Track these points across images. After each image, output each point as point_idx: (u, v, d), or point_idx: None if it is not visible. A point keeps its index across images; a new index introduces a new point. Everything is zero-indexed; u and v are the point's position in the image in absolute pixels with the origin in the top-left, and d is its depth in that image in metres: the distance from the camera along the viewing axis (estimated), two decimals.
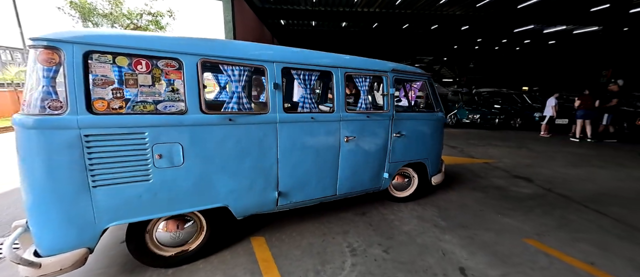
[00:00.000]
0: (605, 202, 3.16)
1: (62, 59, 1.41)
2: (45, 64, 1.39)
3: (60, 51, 1.41)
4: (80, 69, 1.44)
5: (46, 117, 1.38)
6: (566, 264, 2.01)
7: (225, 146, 1.83)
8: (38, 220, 1.47)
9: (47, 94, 1.41)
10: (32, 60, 1.42)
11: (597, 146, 6.34)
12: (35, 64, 1.40)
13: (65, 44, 1.42)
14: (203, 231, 1.99)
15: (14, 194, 3.23)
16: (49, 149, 1.40)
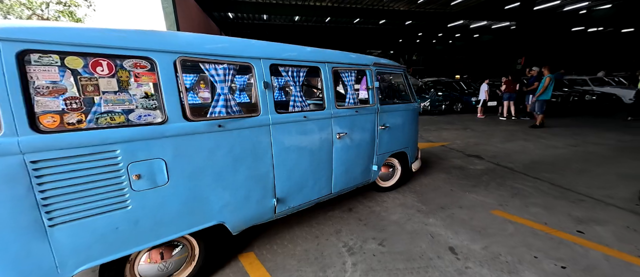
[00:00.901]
0: (538, 169, 3.84)
1: None
2: None
3: None
4: (15, 74, 1.08)
5: None
6: (527, 227, 2.38)
7: (216, 155, 1.62)
8: None
9: None
10: None
11: (520, 122, 7.66)
12: None
13: None
14: (194, 257, 1.74)
15: None
16: None
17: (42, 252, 1.18)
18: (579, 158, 4.31)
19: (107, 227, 1.31)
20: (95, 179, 1.25)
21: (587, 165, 3.97)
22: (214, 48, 1.62)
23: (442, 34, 18.79)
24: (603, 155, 4.45)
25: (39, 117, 1.14)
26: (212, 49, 1.61)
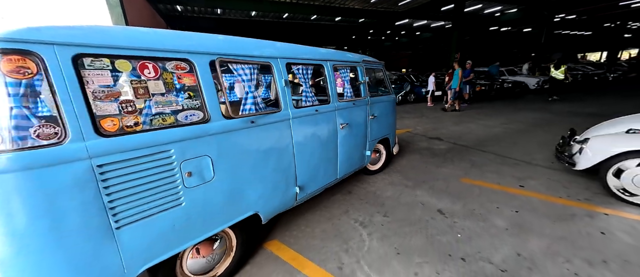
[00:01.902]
0: (484, 144, 4.74)
1: (41, 67, 1.01)
2: (12, 75, 0.96)
3: (38, 56, 1.00)
4: (74, 79, 1.07)
5: (37, 150, 0.98)
6: (488, 188, 3.04)
7: (250, 149, 1.74)
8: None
9: (24, 118, 0.98)
10: None
11: (462, 109, 9.03)
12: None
13: (43, 46, 1.01)
14: (232, 249, 1.83)
15: None
16: (50, 195, 1.01)
17: (110, 254, 1.18)
18: (510, 134, 5.42)
19: (165, 225, 1.35)
20: (153, 179, 1.28)
21: (516, 138, 5.05)
22: (242, 48, 1.72)
23: (390, 31, 20.47)
24: (525, 130, 5.67)
25: (100, 121, 1.13)
26: (241, 49, 1.71)
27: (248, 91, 1.79)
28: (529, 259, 1.89)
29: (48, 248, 1.03)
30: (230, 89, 2.96)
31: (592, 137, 2.84)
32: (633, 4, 15.63)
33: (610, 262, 1.83)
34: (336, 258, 2.01)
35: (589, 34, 27.38)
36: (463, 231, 2.25)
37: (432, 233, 2.25)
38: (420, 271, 1.84)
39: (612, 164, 2.58)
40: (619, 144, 2.54)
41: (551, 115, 7.03)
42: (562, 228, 2.23)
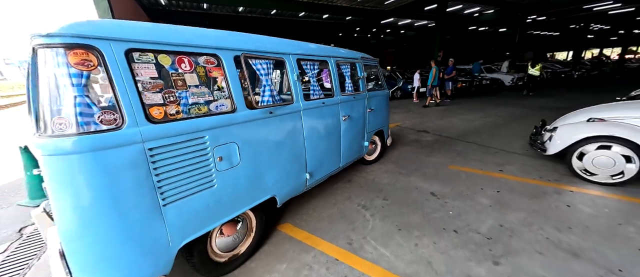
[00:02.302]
0: (467, 136, 5.15)
1: (101, 61, 1.13)
2: (78, 67, 1.08)
3: (98, 50, 1.12)
4: (128, 71, 1.19)
5: (100, 134, 1.10)
6: (472, 173, 3.38)
7: (268, 138, 1.90)
8: (102, 264, 1.18)
9: (86, 106, 1.10)
10: (51, 63, 1.05)
11: (445, 104, 9.54)
12: (56, 68, 1.06)
13: (103, 42, 1.13)
14: (252, 229, 2.00)
15: None
16: (113, 173, 1.14)
17: (159, 228, 1.32)
18: (489, 126, 5.89)
19: (201, 205, 1.50)
20: (191, 162, 1.43)
21: (495, 130, 5.50)
22: (261, 45, 1.88)
23: (376, 29, 20.89)
24: (503, 123, 6.16)
25: (149, 110, 1.26)
26: (259, 46, 1.87)
27: (265, 84, 1.95)
28: (509, 229, 2.21)
29: (110, 221, 1.16)
30: (250, 82, 3.07)
31: (559, 126, 3.24)
32: (595, 7, 17.03)
33: (574, 228, 2.18)
34: (345, 236, 2.23)
35: (557, 34, 29.39)
36: (453, 209, 2.55)
37: (427, 212, 2.52)
38: (419, 242, 2.10)
39: (576, 148, 2.98)
40: (581, 131, 2.94)
41: (525, 109, 7.65)
42: (536, 203, 2.58)
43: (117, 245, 1.20)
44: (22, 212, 2.85)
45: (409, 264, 1.88)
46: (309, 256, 2.00)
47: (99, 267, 1.19)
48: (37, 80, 1.10)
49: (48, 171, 1.09)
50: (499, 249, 1.97)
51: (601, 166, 2.85)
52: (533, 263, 1.82)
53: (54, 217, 1.22)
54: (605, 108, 3.22)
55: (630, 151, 2.68)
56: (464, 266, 1.83)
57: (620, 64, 22.08)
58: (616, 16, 20.30)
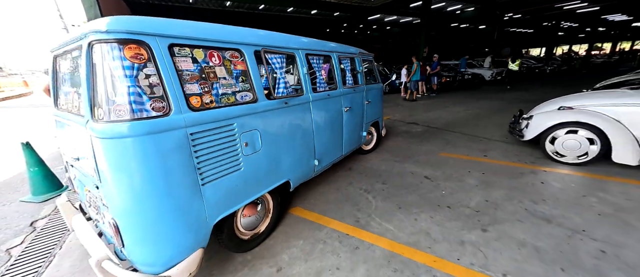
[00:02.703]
0: (453, 126, 5.53)
1: (150, 55, 1.27)
2: (132, 60, 1.21)
3: (147, 45, 1.26)
4: (172, 64, 1.34)
5: (152, 120, 1.25)
6: (460, 159, 3.72)
7: (284, 126, 2.08)
8: (154, 234, 1.33)
9: (138, 95, 1.24)
10: (108, 57, 1.18)
11: (430, 98, 10.01)
12: (113, 62, 1.19)
13: (152, 37, 1.27)
14: (270, 211, 2.18)
15: None
16: (163, 155, 1.29)
17: (199, 205, 1.48)
18: (472, 118, 6.32)
19: (231, 185, 1.66)
20: (223, 146, 1.58)
21: (478, 121, 5.94)
22: (276, 41, 2.04)
23: (363, 25, 21.21)
24: (484, 115, 6.63)
25: (189, 99, 1.41)
26: (275, 41, 2.03)
27: (280, 77, 2.12)
28: (493, 203, 2.53)
29: (161, 198, 1.31)
30: (267, 75, 3.19)
31: (534, 115, 3.63)
32: (565, 6, 18.23)
33: (546, 200, 2.54)
34: (352, 215, 2.46)
35: (531, 31, 31.08)
36: (446, 189, 2.84)
37: (423, 192, 2.81)
38: (418, 217, 2.37)
39: (549, 133, 3.38)
40: (553, 118, 3.33)
41: (504, 102, 8.21)
42: (515, 182, 2.93)
43: (166, 219, 1.35)
44: (28, 208, 2.85)
45: (411, 234, 2.14)
46: (322, 233, 2.22)
47: (150, 240, 1.34)
48: (93, 73, 1.22)
49: (105, 153, 1.22)
50: (486, 220, 2.28)
51: (569, 148, 3.25)
52: (514, 229, 2.13)
53: (106, 196, 1.35)
54: (573, 98, 3.64)
55: (593, 135, 3.09)
56: (457, 234, 2.11)
57: (587, 60, 23.76)
58: (583, 15, 21.80)
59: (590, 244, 1.94)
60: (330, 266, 1.84)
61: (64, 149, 1.84)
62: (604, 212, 2.31)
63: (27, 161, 3.01)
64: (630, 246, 1.89)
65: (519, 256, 1.85)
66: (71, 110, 1.55)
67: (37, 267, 1.96)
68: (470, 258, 1.85)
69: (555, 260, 1.79)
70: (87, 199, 1.77)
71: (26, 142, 3.00)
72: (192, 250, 1.48)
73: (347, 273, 1.77)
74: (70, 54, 1.52)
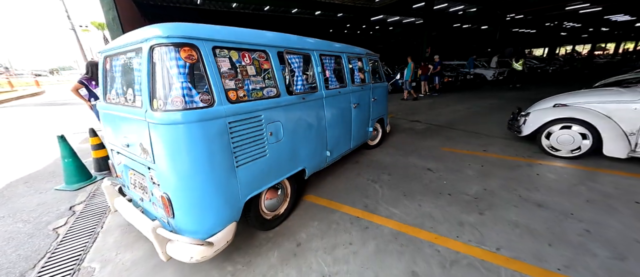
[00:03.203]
0: (454, 124, 5.75)
1: (199, 55, 1.52)
2: (186, 60, 1.46)
3: (197, 48, 1.51)
4: (214, 63, 1.59)
5: (200, 110, 1.50)
6: (461, 153, 3.94)
7: (302, 119, 2.32)
8: (199, 206, 1.58)
9: (186, 89, 1.49)
10: (167, 57, 1.43)
11: (432, 97, 10.22)
12: (170, 62, 1.44)
13: (200, 41, 1.52)
14: (288, 196, 2.42)
15: None
16: (209, 139, 1.54)
17: (234, 184, 1.72)
18: (473, 116, 6.53)
19: (258, 169, 1.91)
20: (252, 135, 1.83)
21: (478, 119, 6.15)
22: (294, 43, 2.29)
23: (365, 26, 21.42)
24: (484, 113, 6.83)
25: (228, 93, 1.66)
26: (294, 43, 2.28)
27: (298, 75, 2.36)
28: (490, 191, 2.75)
29: (207, 176, 1.56)
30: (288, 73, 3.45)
31: (531, 112, 3.85)
32: (567, 7, 18.34)
33: (540, 189, 2.76)
34: (361, 201, 2.70)
35: (534, 31, 31.12)
36: (447, 180, 3.07)
37: (426, 182, 3.04)
38: (422, 203, 2.60)
39: (544, 129, 3.59)
40: (548, 115, 3.55)
41: (504, 101, 8.41)
42: (512, 173, 3.16)
43: (210, 194, 1.60)
44: (62, 195, 3.12)
45: (416, 217, 2.37)
46: (335, 215, 2.46)
47: (196, 212, 1.58)
48: (153, 70, 1.47)
49: (161, 137, 1.47)
50: (484, 205, 2.51)
51: (563, 143, 3.47)
52: (509, 212, 2.36)
53: (158, 175, 1.60)
54: (567, 96, 3.85)
55: (585, 130, 3.30)
56: (457, 216, 2.35)
57: (589, 60, 23.79)
58: (586, 15, 21.86)
59: (577, 224, 2.16)
60: (343, 241, 2.08)
61: (110, 138, 2.09)
62: (592, 199, 2.53)
63: (61, 152, 3.28)
64: (613, 226, 2.12)
65: (512, 234, 2.08)
66: (124, 103, 1.81)
67: (84, 243, 2.22)
68: (468, 236, 2.08)
69: (544, 237, 2.02)
70: (131, 181, 2.02)
71: (61, 135, 3.28)
72: (229, 222, 1.73)
73: (359, 247, 2.01)
74: (125, 55, 1.77)
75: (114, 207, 2.23)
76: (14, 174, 3.80)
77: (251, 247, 2.06)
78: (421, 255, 1.90)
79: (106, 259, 2.00)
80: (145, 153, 1.63)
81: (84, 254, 2.08)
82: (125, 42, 1.69)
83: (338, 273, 1.77)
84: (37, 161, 4.33)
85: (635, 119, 3.04)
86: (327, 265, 1.84)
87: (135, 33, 1.61)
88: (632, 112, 3.06)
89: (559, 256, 1.83)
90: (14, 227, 2.49)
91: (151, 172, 1.67)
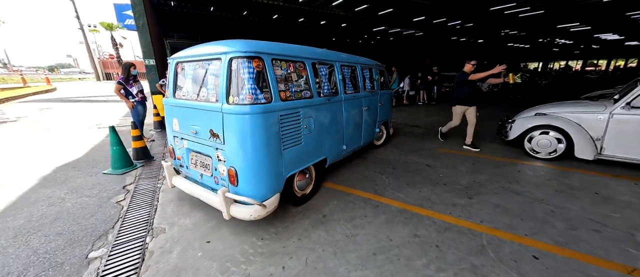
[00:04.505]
0: (450, 129, 6.33)
1: (263, 65, 2.07)
2: (255, 68, 2.01)
3: (262, 59, 2.06)
4: (272, 70, 2.14)
5: (265, 104, 2.04)
6: (456, 154, 4.51)
7: (326, 117, 2.87)
8: (259, 176, 2.10)
9: (254, 89, 2.03)
10: (242, 66, 1.97)
11: (430, 105, 10.85)
12: (244, 69, 1.98)
13: (264, 55, 2.08)
14: (312, 180, 2.95)
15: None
16: (267, 126, 2.08)
17: (281, 162, 2.25)
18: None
19: (295, 154, 2.44)
20: (294, 126, 2.37)
21: None
22: (323, 55, 2.86)
23: (367, 36, 22.29)
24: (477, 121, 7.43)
25: (280, 93, 2.20)
26: (323, 56, 2.85)
27: (324, 81, 2.92)
28: (479, 183, 3.31)
29: (265, 154, 2.08)
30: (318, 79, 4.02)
31: (516, 119, 4.44)
32: (558, 25, 19.35)
33: (520, 182, 3.32)
34: (371, 187, 3.23)
35: (528, 47, 32.37)
36: (443, 173, 3.62)
37: (425, 175, 3.58)
38: (421, 190, 3.14)
39: (527, 134, 4.18)
40: (530, 122, 4.14)
41: (495, 111, 9.06)
42: (498, 170, 3.72)
43: (266, 168, 2.12)
44: (110, 178, 3.60)
45: (416, 200, 2.90)
46: (350, 197, 2.98)
47: (255, 181, 2.10)
48: (230, 75, 2.01)
49: (234, 124, 2.00)
50: (472, 192, 3.05)
51: (542, 146, 4.05)
52: (492, 197, 2.91)
53: (226, 154, 2.12)
54: (547, 106, 4.46)
55: (560, 135, 3.89)
56: (450, 199, 2.89)
57: (581, 76, 24.81)
58: (577, 33, 22.96)
59: (544, 207, 2.71)
60: (360, 215, 2.61)
61: (176, 127, 2.61)
62: (561, 190, 3.09)
63: (111, 140, 3.78)
64: (573, 209, 2.67)
65: (493, 212, 2.62)
66: (197, 99, 2.33)
67: (147, 212, 2.71)
68: (459, 213, 2.62)
69: (518, 214, 2.57)
70: (192, 161, 2.54)
71: (112, 126, 3.78)
72: (275, 192, 2.25)
73: (372, 218, 2.53)
74: (199, 63, 2.31)
75: (171, 184, 2.75)
76: (56, 161, 4.28)
77: (287, 217, 2.57)
78: (422, 224, 2.43)
79: (171, 223, 2.50)
80: (215, 137, 2.16)
81: (151, 219, 2.58)
82: (202, 53, 2.24)
83: (358, 234, 2.29)
84: (73, 151, 4.81)
85: (599, 127, 3.64)
86: (349, 229, 2.36)
87: (213, 47, 2.16)
88: (597, 121, 3.66)
89: (527, 226, 2.37)
90: (82, 200, 2.98)
91: (217, 152, 2.20)
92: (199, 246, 2.15)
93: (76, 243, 2.23)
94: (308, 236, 2.28)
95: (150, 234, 2.33)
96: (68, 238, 2.29)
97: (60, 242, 2.24)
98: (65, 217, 2.63)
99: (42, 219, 2.60)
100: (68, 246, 2.19)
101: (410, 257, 1.99)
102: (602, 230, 2.31)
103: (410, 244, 2.15)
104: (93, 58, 27.73)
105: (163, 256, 2.04)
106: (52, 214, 2.68)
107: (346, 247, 2.13)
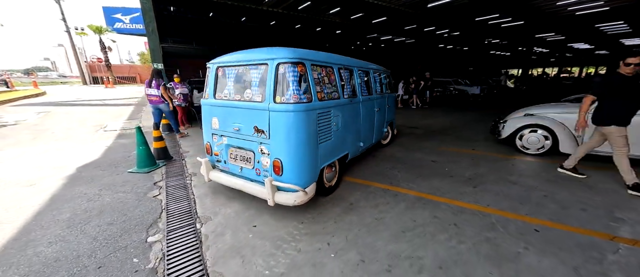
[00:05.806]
0: (447, 130, 6.83)
1: (305, 69, 2.38)
2: (299, 72, 2.33)
3: (304, 64, 2.38)
4: (312, 74, 2.46)
5: (307, 103, 2.35)
6: (453, 152, 4.94)
7: (349, 116, 3.20)
8: (301, 166, 2.40)
9: (298, 90, 2.34)
10: (288, 71, 2.28)
11: (423, 109, 11.44)
12: (289, 73, 2.29)
13: (306, 60, 2.40)
14: (337, 173, 3.26)
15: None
16: (308, 122, 2.39)
17: (317, 155, 2.55)
18: (461, 124, 7.68)
19: (327, 148, 2.75)
20: (327, 123, 2.68)
21: (466, 126, 7.28)
22: (344, 61, 3.21)
23: (360, 42, 23.02)
24: (469, 122, 8.01)
25: (317, 93, 2.52)
26: (344, 62, 3.20)
27: (347, 85, 3.26)
28: (480, 175, 3.72)
29: (306, 147, 2.38)
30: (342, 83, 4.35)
31: (508, 119, 4.95)
32: (536, 35, 20.78)
33: (514, 174, 3.76)
34: (386, 180, 3.57)
35: (508, 54, 34.30)
36: (448, 167, 4.03)
37: (432, 169, 3.97)
38: (432, 181, 3.51)
39: (518, 132, 4.67)
40: (520, 121, 4.65)
41: (483, 114, 9.72)
42: (494, 165, 4.16)
43: (306, 159, 2.41)
44: (137, 176, 3.76)
45: (429, 189, 3.27)
46: (370, 188, 3.31)
47: (298, 170, 2.39)
48: (277, 78, 2.30)
49: (281, 121, 2.29)
50: (476, 182, 3.45)
51: (532, 143, 4.55)
52: (493, 186, 3.32)
53: (270, 147, 2.40)
54: (535, 107, 4.99)
55: (547, 133, 4.40)
56: (457, 189, 3.27)
57: (556, 82, 26.57)
58: (553, 42, 24.66)
59: (538, 193, 3.14)
60: (382, 202, 2.93)
61: (215, 125, 2.85)
62: (550, 179, 3.55)
63: (137, 140, 3.94)
64: (563, 193, 3.11)
65: (496, 198, 3.02)
66: (241, 99, 2.60)
67: (187, 205, 2.93)
68: (468, 199, 3.00)
69: (517, 199, 2.97)
70: (232, 156, 2.79)
71: (138, 127, 3.95)
72: (313, 181, 2.55)
73: (394, 205, 2.87)
74: (243, 67, 2.60)
75: (208, 178, 2.98)
76: (75, 163, 4.37)
77: (319, 206, 2.86)
78: (439, 209, 2.78)
79: (214, 212, 2.73)
80: (260, 132, 2.44)
81: (193, 210, 2.79)
82: (247, 58, 2.53)
83: (385, 218, 2.61)
84: (88, 153, 4.90)
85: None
86: (376, 214, 2.68)
87: (260, 53, 2.46)
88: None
89: (526, 208, 2.78)
90: (118, 196, 3.15)
91: (261, 146, 2.48)
92: (247, 229, 2.41)
93: (131, 231, 2.42)
94: (342, 219, 2.58)
95: (199, 222, 2.55)
96: (120, 227, 2.49)
97: (115, 229, 2.43)
98: (109, 210, 2.81)
99: (88, 212, 2.76)
100: (124, 233, 2.38)
101: (434, 233, 2.33)
102: (587, 209, 2.74)
103: (432, 223, 2.50)
104: (80, 61, 26.94)
105: (218, 238, 2.28)
106: (96, 208, 2.84)
107: (377, 227, 2.44)
